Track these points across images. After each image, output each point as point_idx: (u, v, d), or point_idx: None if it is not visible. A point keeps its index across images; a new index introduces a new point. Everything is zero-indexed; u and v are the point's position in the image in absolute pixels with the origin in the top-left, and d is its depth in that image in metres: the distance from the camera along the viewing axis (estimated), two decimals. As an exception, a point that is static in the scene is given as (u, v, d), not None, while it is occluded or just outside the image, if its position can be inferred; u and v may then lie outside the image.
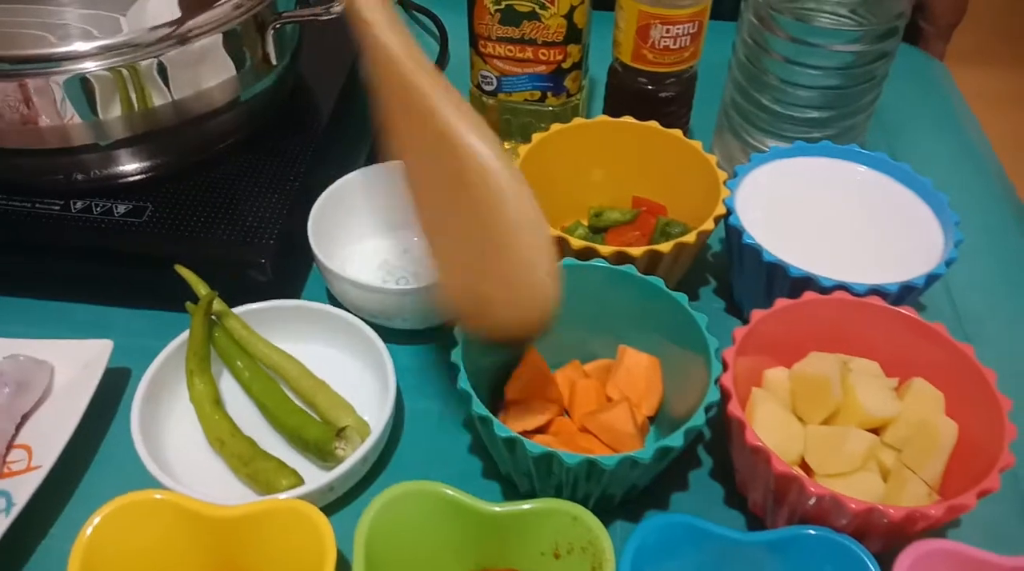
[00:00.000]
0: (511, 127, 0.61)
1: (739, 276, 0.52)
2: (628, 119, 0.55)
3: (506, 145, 0.63)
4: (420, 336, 0.52)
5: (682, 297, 0.44)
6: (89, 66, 0.45)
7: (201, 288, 0.47)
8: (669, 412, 0.46)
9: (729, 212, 0.49)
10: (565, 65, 0.56)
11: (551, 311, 0.36)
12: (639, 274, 0.45)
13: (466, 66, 0.72)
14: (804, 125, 0.57)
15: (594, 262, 0.46)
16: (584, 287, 0.46)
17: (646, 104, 0.58)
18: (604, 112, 0.62)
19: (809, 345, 0.45)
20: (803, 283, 0.46)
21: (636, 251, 0.47)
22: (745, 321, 0.53)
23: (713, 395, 0.40)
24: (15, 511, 0.39)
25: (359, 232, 0.56)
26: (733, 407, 0.39)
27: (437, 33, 0.75)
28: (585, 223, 0.57)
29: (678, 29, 0.53)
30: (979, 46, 1.73)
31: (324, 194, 0.52)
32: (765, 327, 0.44)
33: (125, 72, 0.46)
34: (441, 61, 0.73)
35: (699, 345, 0.43)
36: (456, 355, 0.41)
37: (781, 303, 0.44)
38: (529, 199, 0.36)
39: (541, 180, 0.52)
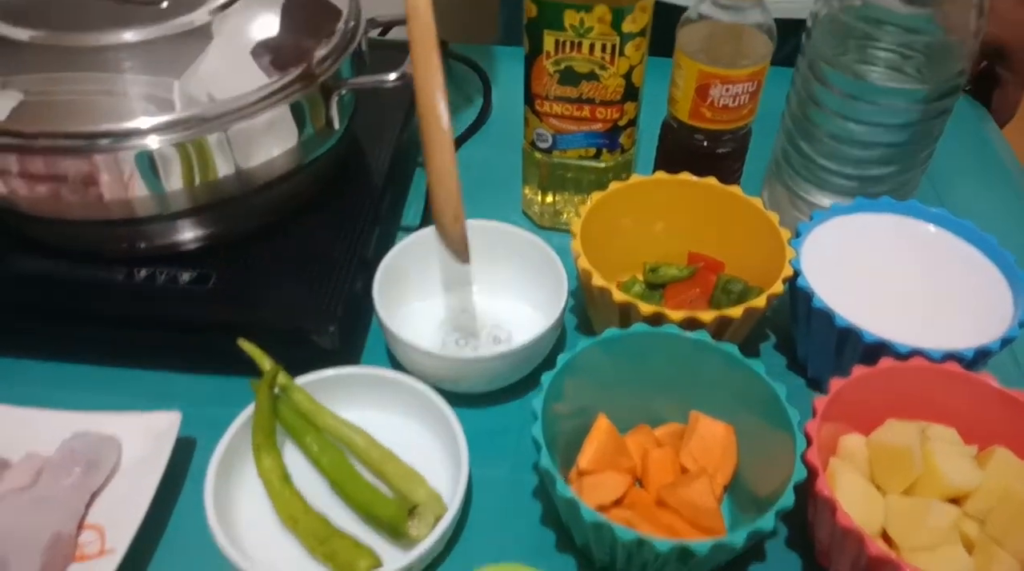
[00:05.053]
0: (564, 181, 0.61)
1: (805, 336, 0.51)
2: (686, 176, 0.55)
3: (558, 197, 0.62)
4: (483, 399, 0.52)
5: (759, 365, 0.44)
6: (156, 141, 0.45)
7: (265, 362, 0.47)
8: (744, 482, 0.45)
9: (796, 273, 0.49)
10: (621, 123, 0.56)
11: (458, 245, 0.45)
12: (714, 342, 0.45)
13: (509, 117, 0.73)
14: (859, 181, 0.57)
15: (666, 329, 0.46)
16: (655, 353, 0.46)
17: (700, 159, 0.58)
18: (655, 166, 0.62)
19: (885, 412, 0.45)
20: (876, 348, 0.46)
21: (707, 316, 0.46)
22: (810, 379, 0.53)
23: (800, 473, 0.39)
24: (93, 597, 0.39)
25: (417, 292, 0.56)
26: (822, 486, 0.39)
27: (480, 84, 0.75)
28: (640, 278, 0.57)
29: (738, 88, 0.53)
30: None
31: (387, 258, 0.52)
32: (843, 395, 0.43)
33: (192, 146, 0.46)
34: (484, 112, 0.73)
35: (779, 417, 0.42)
36: (537, 431, 0.41)
37: (859, 371, 0.44)
38: (447, 159, 0.42)
39: (599, 238, 0.53)
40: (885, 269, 0.51)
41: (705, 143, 0.57)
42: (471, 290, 0.57)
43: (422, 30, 0.40)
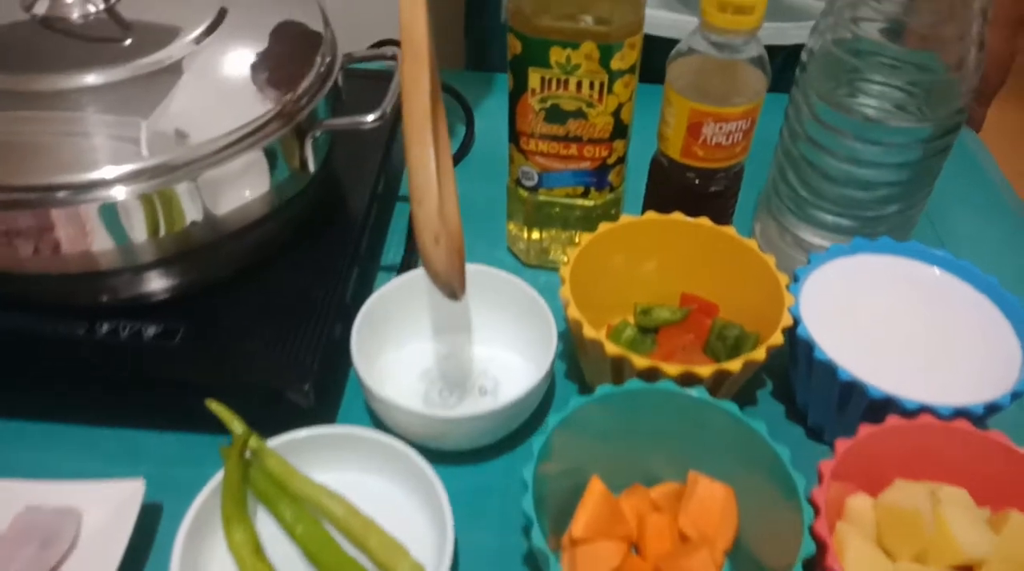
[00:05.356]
0: (551, 217, 0.59)
1: (806, 385, 0.49)
2: (678, 216, 0.53)
3: (545, 233, 0.60)
4: (468, 456, 0.49)
5: (761, 425, 0.41)
6: (121, 192, 0.42)
7: (236, 425, 0.44)
8: (746, 547, 0.43)
9: (796, 322, 0.47)
10: (610, 161, 0.54)
11: (441, 274, 0.41)
12: (714, 400, 0.42)
13: (490, 147, 0.70)
14: (857, 221, 0.55)
15: (660, 386, 0.43)
16: (651, 409, 0.44)
17: (692, 197, 0.55)
18: (645, 202, 0.60)
19: (892, 472, 0.43)
20: (882, 404, 0.44)
21: (704, 371, 0.44)
22: (811, 428, 0.51)
23: (809, 548, 0.37)
24: None
25: (398, 340, 0.53)
26: (832, 561, 0.36)
27: (463, 113, 0.73)
28: (631, 321, 0.55)
29: (731, 126, 0.51)
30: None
31: (366, 306, 0.50)
32: (850, 457, 0.41)
33: (159, 196, 0.43)
34: (466, 144, 0.71)
35: (783, 481, 0.40)
36: (528, 505, 0.38)
37: (865, 431, 0.42)
38: (425, 175, 0.39)
39: (588, 277, 0.50)
40: (887, 315, 0.49)
41: (697, 181, 0.55)
42: (458, 334, 0.54)
43: (415, 47, 0.38)
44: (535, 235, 0.61)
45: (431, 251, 0.40)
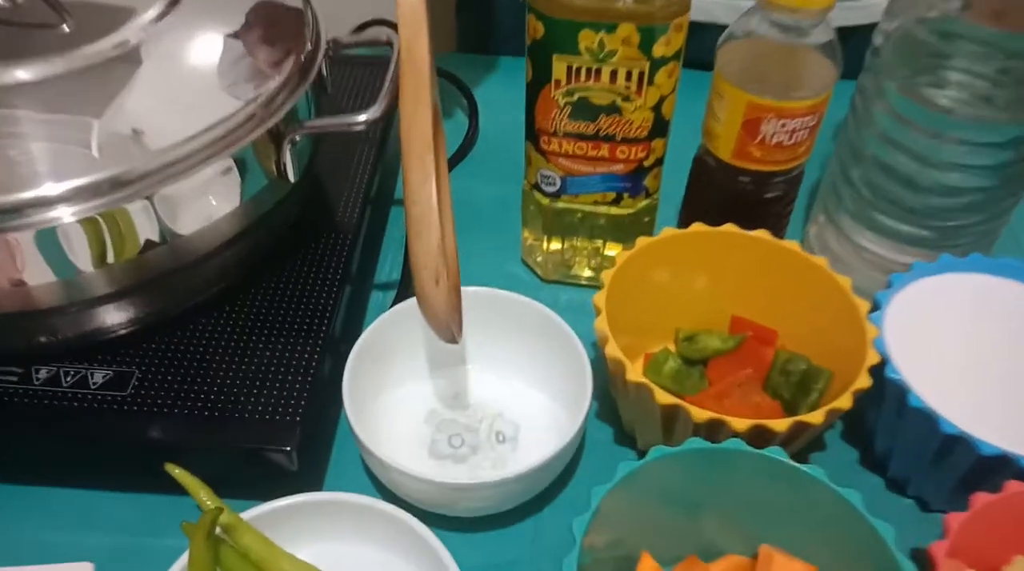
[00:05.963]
0: (574, 225, 0.50)
1: (891, 432, 0.41)
2: (731, 228, 0.45)
3: (567, 243, 0.52)
4: (486, 521, 0.41)
5: (855, 496, 0.33)
6: (63, 214, 0.34)
7: (203, 495, 0.35)
8: (832, 640, 0.35)
9: (884, 360, 0.39)
10: (647, 163, 0.46)
11: (440, 318, 0.36)
12: (792, 463, 0.35)
13: (499, 140, 0.62)
14: (932, 231, 0.47)
15: (728, 446, 0.35)
16: (713, 472, 0.36)
17: (742, 204, 0.48)
18: (683, 207, 0.52)
19: (1012, 546, 0.35)
20: (993, 462, 0.36)
21: (779, 425, 0.36)
22: (889, 479, 0.43)
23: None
24: None
25: (398, 377, 0.45)
26: None
27: (465, 102, 0.64)
28: (673, 349, 0.47)
29: (795, 123, 0.43)
30: None
31: (358, 345, 0.41)
32: (964, 532, 0.33)
33: (108, 217, 0.34)
34: (470, 138, 0.63)
35: (883, 566, 0.32)
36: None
37: (981, 501, 0.34)
38: (426, 208, 0.33)
39: (623, 299, 0.42)
40: (989, 350, 0.41)
41: (751, 186, 0.47)
42: (469, 370, 0.46)
43: (415, 71, 0.33)
44: (555, 245, 0.52)
45: (430, 292, 0.34)
